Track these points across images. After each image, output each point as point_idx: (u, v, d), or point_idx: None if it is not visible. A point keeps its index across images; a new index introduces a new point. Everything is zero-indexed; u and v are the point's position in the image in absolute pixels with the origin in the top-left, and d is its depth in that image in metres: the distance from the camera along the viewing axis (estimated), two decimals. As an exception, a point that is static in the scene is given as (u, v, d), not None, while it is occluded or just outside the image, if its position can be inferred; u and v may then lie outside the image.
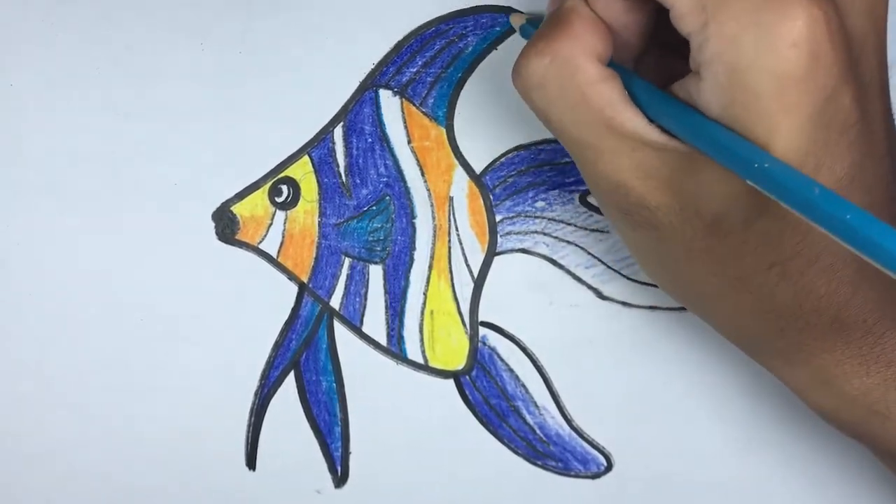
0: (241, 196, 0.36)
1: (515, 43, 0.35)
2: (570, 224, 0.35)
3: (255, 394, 0.36)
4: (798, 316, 0.26)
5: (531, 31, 0.29)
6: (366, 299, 0.35)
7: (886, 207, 0.25)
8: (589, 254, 0.35)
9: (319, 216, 0.35)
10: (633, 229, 0.27)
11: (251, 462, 0.36)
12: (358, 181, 0.35)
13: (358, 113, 0.35)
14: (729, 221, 0.25)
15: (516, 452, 0.35)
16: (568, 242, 0.35)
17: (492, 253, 0.35)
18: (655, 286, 0.33)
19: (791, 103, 0.22)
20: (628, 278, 0.35)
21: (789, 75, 0.22)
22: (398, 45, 0.35)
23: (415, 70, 0.35)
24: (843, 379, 0.27)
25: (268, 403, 0.36)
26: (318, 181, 0.35)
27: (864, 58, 0.24)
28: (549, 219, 0.35)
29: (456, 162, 0.35)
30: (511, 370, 0.35)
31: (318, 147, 0.36)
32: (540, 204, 0.35)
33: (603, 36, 0.26)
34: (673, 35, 0.25)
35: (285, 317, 0.36)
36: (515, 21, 0.32)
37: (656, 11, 0.26)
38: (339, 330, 0.36)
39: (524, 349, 0.35)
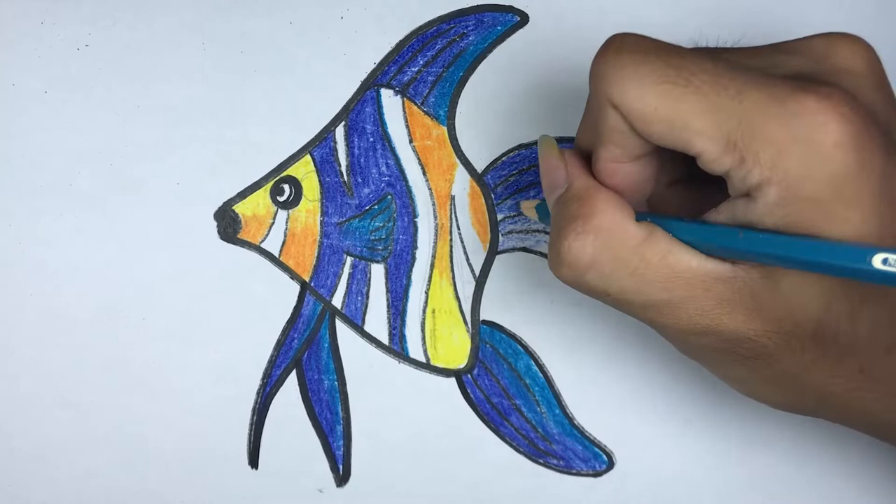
0: (243, 195, 0.36)
1: (516, 42, 0.35)
2: (571, 223, 0.35)
3: (258, 393, 0.36)
4: None
5: (546, 211, 0.29)
6: (368, 298, 0.35)
7: None
8: (590, 252, 0.35)
9: (321, 215, 0.36)
10: (740, 364, 0.26)
11: (254, 461, 0.36)
12: (360, 180, 0.35)
13: (359, 112, 0.36)
14: (832, 320, 0.24)
15: (518, 450, 0.35)
16: (569, 241, 0.35)
17: (493, 251, 0.35)
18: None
19: (852, 196, 0.22)
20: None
21: (843, 174, 0.22)
22: (399, 45, 0.35)
23: (416, 69, 0.35)
24: None
25: (270, 402, 0.36)
26: (319, 180, 0.36)
27: (892, 124, 0.25)
28: (551, 217, 0.35)
29: (457, 161, 0.35)
30: (513, 368, 0.35)
31: (319, 146, 0.36)
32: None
33: (623, 200, 0.26)
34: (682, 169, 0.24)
35: (287, 316, 0.36)
36: (527, 208, 0.31)
37: (658, 157, 0.26)
38: (341, 329, 0.36)
39: (526, 347, 0.35)
